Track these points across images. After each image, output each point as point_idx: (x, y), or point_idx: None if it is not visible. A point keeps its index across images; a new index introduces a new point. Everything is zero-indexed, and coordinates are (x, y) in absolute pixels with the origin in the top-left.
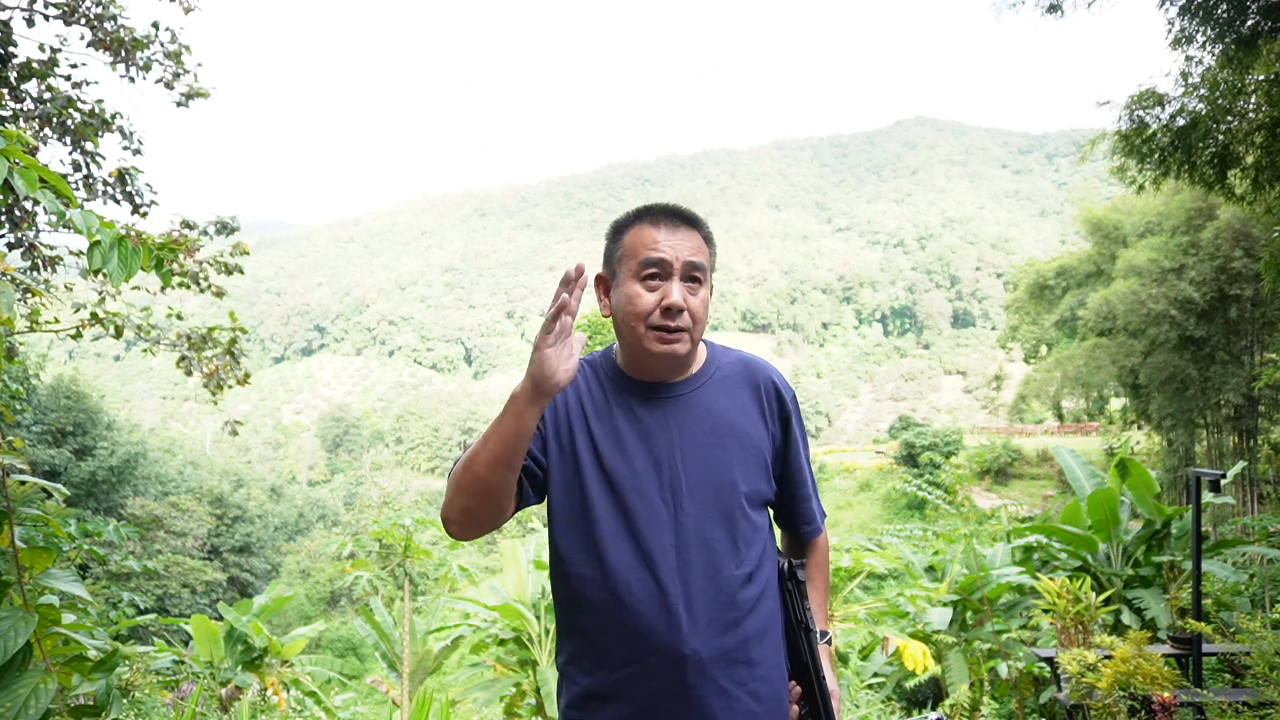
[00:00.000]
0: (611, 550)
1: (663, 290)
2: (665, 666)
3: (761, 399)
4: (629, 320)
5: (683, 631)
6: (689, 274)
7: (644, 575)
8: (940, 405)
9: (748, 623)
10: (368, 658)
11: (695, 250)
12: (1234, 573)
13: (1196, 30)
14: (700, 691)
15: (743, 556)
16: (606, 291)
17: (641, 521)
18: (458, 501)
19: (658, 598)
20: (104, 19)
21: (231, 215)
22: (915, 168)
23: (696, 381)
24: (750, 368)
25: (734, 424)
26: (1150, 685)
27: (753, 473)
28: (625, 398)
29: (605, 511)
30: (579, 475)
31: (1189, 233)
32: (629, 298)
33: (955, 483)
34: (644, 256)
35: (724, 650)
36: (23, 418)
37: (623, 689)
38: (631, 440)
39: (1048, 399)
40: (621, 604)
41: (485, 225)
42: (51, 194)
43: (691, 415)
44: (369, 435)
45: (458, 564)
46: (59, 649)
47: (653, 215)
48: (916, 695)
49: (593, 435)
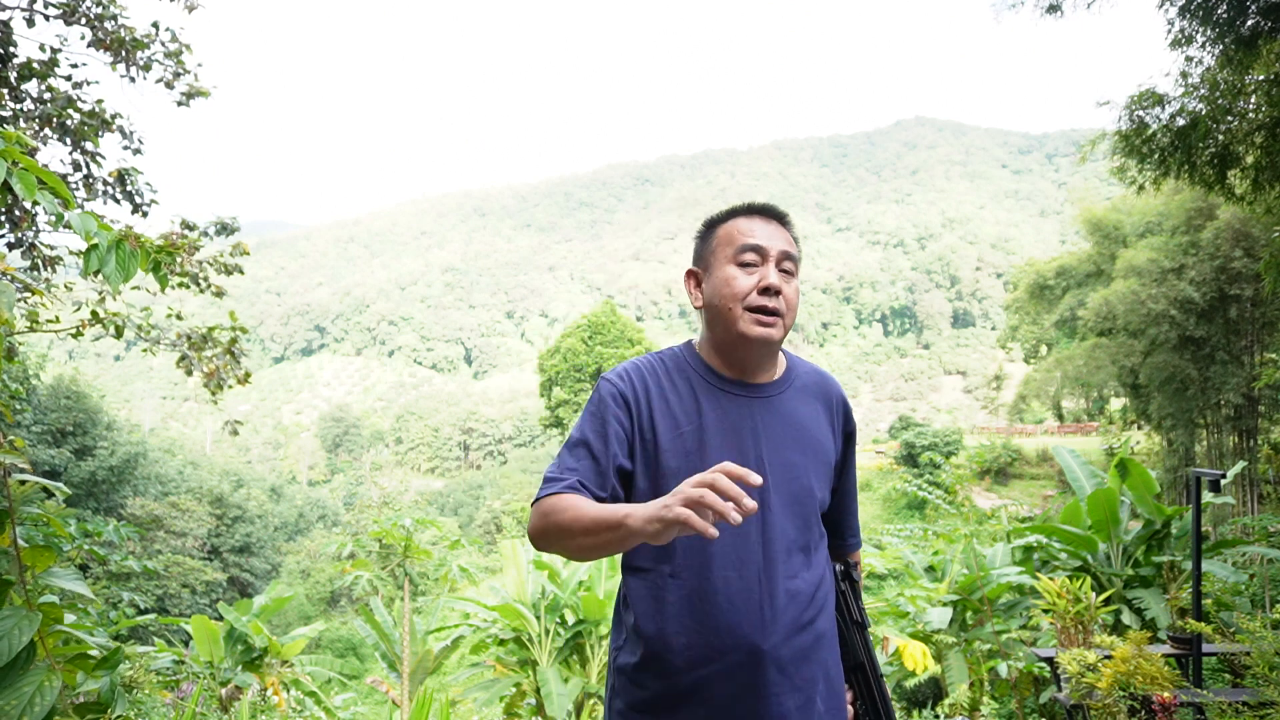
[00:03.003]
0: (698, 548)
1: (760, 273)
2: (747, 664)
3: (833, 412)
4: (726, 302)
5: (766, 629)
6: (783, 262)
7: (731, 573)
8: (940, 405)
9: (818, 623)
10: (368, 658)
11: (788, 242)
12: (1234, 573)
13: (1196, 30)
14: (778, 690)
15: (813, 560)
16: (698, 284)
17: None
18: (544, 539)
19: (744, 595)
20: (104, 19)
21: (231, 215)
22: (915, 168)
23: (781, 386)
24: (825, 381)
25: (812, 432)
26: (1150, 685)
27: (823, 481)
28: (713, 393)
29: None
30: (664, 472)
31: (1189, 233)
32: (726, 280)
33: (955, 483)
34: (741, 242)
35: (801, 649)
36: (23, 418)
37: (699, 690)
38: (719, 436)
39: (1048, 399)
40: (707, 601)
41: (485, 225)
42: (50, 195)
43: (777, 418)
44: (369, 435)
45: (458, 564)
46: (61, 648)
47: (747, 210)
48: (916, 695)
49: (680, 430)
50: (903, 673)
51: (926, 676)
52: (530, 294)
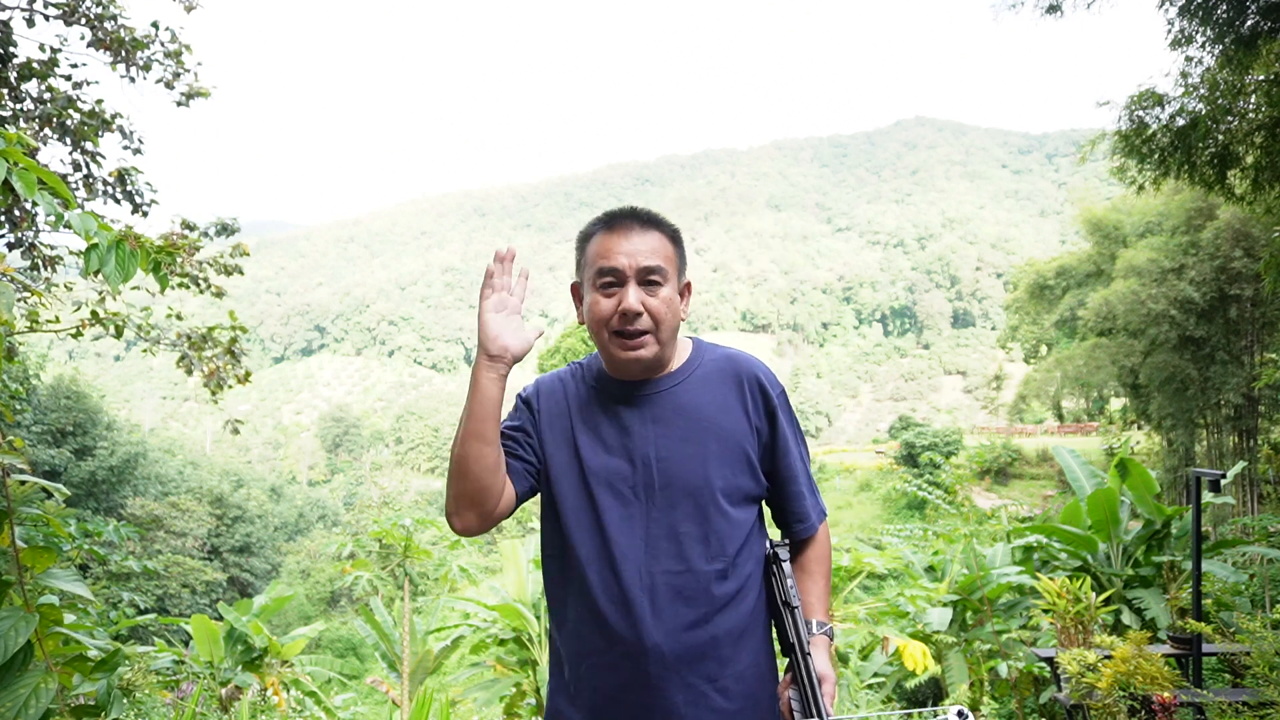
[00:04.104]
0: (580, 545)
1: (619, 296)
2: (628, 659)
3: (745, 394)
4: (594, 327)
5: (645, 625)
6: (645, 277)
7: (607, 570)
8: (940, 405)
9: (719, 619)
10: (368, 658)
11: (652, 252)
12: (1234, 573)
13: (1196, 30)
14: (663, 684)
15: (715, 552)
16: (580, 300)
17: (612, 516)
18: (450, 491)
19: (618, 592)
20: (104, 19)
21: (232, 216)
22: (915, 168)
23: (676, 378)
24: (734, 363)
25: (713, 420)
26: (1150, 685)
27: (732, 469)
28: (607, 398)
29: (581, 507)
30: (558, 472)
31: (1189, 233)
32: (590, 306)
33: (955, 483)
34: (598, 266)
35: (691, 645)
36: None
37: (590, 678)
38: (611, 438)
39: (1048, 399)
40: (588, 596)
41: (485, 225)
42: (50, 195)
43: (668, 412)
44: (369, 435)
45: (458, 564)
46: (60, 649)
47: (609, 222)
48: (916, 695)
49: (575, 434)
50: (903, 673)
51: (926, 676)
52: (530, 294)
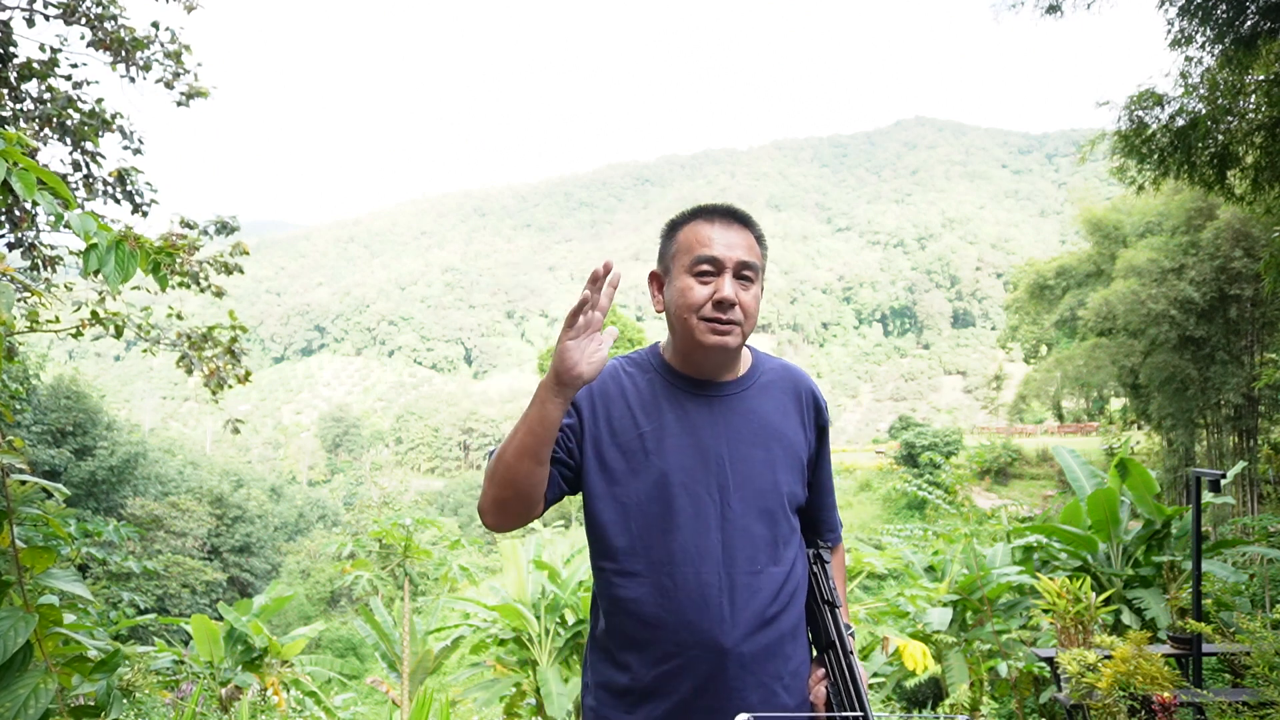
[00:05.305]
0: (658, 545)
1: (715, 285)
2: (708, 660)
3: (802, 407)
4: (682, 312)
5: (726, 625)
6: (741, 271)
7: (689, 570)
8: (940, 405)
9: (783, 619)
10: (368, 658)
11: (748, 249)
12: (1234, 573)
13: (1196, 31)
14: (740, 685)
15: (781, 555)
16: (660, 288)
17: (688, 516)
18: (490, 492)
19: (702, 592)
20: (104, 19)
21: (231, 215)
22: (915, 168)
23: (744, 383)
24: (793, 375)
25: (778, 428)
26: (1150, 685)
27: (793, 476)
28: (675, 394)
29: (653, 507)
30: (619, 471)
31: (1189, 233)
32: (682, 291)
33: (955, 483)
34: (698, 253)
35: (764, 645)
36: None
37: (663, 685)
38: (679, 435)
39: (1048, 399)
40: (667, 598)
41: (485, 225)
42: (50, 195)
43: (739, 415)
44: (369, 435)
45: (458, 564)
46: (59, 649)
47: (707, 214)
48: (916, 695)
49: (640, 430)
50: (903, 673)
51: (926, 676)
52: (530, 294)
